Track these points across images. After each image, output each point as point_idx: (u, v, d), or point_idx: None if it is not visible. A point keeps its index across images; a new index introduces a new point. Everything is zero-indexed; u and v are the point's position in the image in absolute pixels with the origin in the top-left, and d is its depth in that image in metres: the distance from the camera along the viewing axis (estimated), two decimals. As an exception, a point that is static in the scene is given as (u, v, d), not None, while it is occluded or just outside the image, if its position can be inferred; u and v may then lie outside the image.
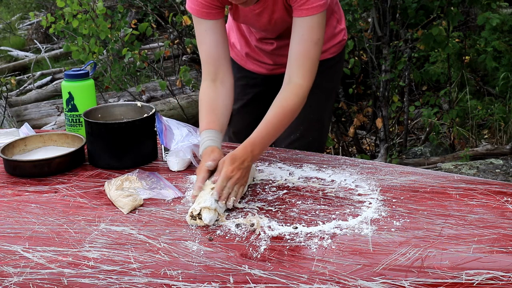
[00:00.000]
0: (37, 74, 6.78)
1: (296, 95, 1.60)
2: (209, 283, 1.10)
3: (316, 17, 1.60)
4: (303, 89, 1.61)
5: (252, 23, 1.84)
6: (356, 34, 3.82)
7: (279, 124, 1.58)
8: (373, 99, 4.09)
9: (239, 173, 1.42)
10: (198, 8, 1.67)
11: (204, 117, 1.64)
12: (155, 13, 4.85)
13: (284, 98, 1.60)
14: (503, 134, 3.98)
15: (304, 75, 1.61)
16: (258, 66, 2.04)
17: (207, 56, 1.70)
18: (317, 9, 1.59)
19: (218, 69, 1.69)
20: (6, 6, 10.52)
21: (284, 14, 1.72)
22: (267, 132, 1.55)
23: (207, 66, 1.70)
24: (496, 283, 1.07)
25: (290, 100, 1.60)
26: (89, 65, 2.08)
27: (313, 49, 1.61)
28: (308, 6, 1.58)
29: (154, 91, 5.30)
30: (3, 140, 1.82)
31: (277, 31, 1.85)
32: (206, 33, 1.69)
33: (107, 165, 1.65)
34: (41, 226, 1.32)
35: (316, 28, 1.61)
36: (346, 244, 1.20)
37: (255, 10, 1.71)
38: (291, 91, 1.61)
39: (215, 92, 1.68)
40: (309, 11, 1.59)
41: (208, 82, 1.70)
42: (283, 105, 1.59)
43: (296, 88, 1.61)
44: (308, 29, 1.60)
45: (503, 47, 4.32)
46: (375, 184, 1.49)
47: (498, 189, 1.43)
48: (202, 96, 1.69)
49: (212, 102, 1.67)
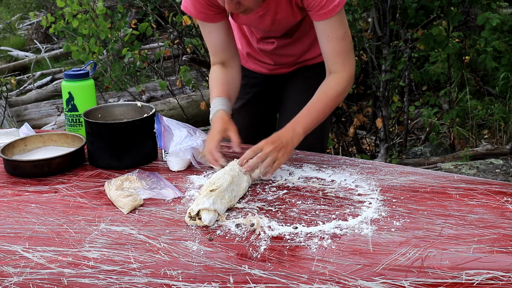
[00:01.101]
0: (37, 74, 6.78)
1: (339, 84, 1.68)
2: (209, 283, 1.10)
3: (336, 17, 1.64)
4: (345, 79, 1.68)
5: (255, 25, 1.84)
6: (356, 34, 3.82)
7: (322, 108, 1.65)
8: (373, 99, 4.09)
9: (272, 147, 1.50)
10: (196, 13, 1.73)
11: (214, 89, 1.74)
12: (155, 13, 4.85)
13: (327, 86, 1.68)
14: (503, 134, 3.98)
15: (343, 67, 1.68)
16: (259, 66, 2.04)
17: (214, 50, 1.80)
18: (334, 10, 1.62)
19: (226, 58, 1.79)
20: (6, 6, 10.53)
21: (289, 13, 1.72)
22: (309, 113, 1.63)
23: (215, 56, 1.81)
24: (496, 283, 1.07)
25: (332, 88, 1.68)
26: (89, 65, 2.08)
27: (342, 44, 1.67)
28: (325, 10, 1.62)
29: (154, 91, 5.30)
30: (3, 140, 1.83)
31: (281, 30, 1.85)
32: (210, 34, 1.77)
33: (107, 165, 1.65)
34: (41, 226, 1.32)
35: (338, 26, 1.66)
36: (346, 244, 1.20)
37: (258, 13, 1.72)
38: (334, 81, 1.68)
39: (225, 72, 1.79)
40: (327, 14, 1.63)
41: (218, 65, 1.81)
42: (327, 91, 1.67)
43: (337, 78, 1.68)
44: (332, 29, 1.65)
45: (503, 47, 4.32)
46: (375, 184, 1.49)
47: (498, 189, 1.43)
48: (212, 75, 1.79)
49: (222, 78, 1.77)
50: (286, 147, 1.54)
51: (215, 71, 1.80)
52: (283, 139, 1.55)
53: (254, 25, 1.84)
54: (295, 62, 2.00)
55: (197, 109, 4.62)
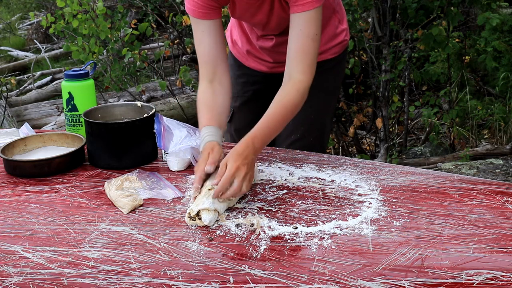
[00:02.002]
0: (37, 74, 6.78)
1: (297, 90, 1.60)
2: (209, 283, 1.10)
3: (312, 12, 1.60)
4: (304, 84, 1.61)
5: (249, 18, 1.83)
6: (356, 34, 3.82)
7: (280, 119, 1.58)
8: (373, 99, 4.10)
9: (245, 169, 1.41)
10: (194, 9, 1.68)
11: (203, 115, 1.65)
12: (155, 13, 4.85)
13: (284, 93, 1.61)
14: (503, 134, 3.98)
15: (304, 71, 1.62)
16: (259, 63, 2.04)
17: (204, 56, 1.72)
18: (312, 4, 1.59)
19: (215, 70, 1.70)
20: (6, 6, 10.53)
21: (280, 10, 1.72)
22: (267, 126, 1.55)
23: (204, 67, 1.72)
24: (496, 283, 1.07)
25: (290, 95, 1.60)
26: (89, 65, 2.08)
27: (311, 44, 1.62)
28: (303, 2, 1.59)
29: (154, 91, 5.30)
30: (3, 140, 1.82)
31: (275, 28, 1.85)
32: (203, 34, 1.71)
33: (107, 165, 1.65)
34: (41, 226, 1.32)
35: (312, 23, 1.61)
36: (346, 244, 1.20)
37: (255, 4, 1.71)
38: (292, 87, 1.61)
39: (213, 92, 1.69)
40: (304, 7, 1.60)
41: (205, 83, 1.70)
42: (284, 100, 1.59)
43: (296, 84, 1.61)
44: (304, 24, 1.61)
45: (503, 47, 4.32)
46: (375, 184, 1.49)
47: (498, 189, 1.43)
48: (200, 96, 1.70)
49: (210, 101, 1.67)
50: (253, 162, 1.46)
51: (202, 92, 1.70)
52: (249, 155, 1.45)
53: (250, 18, 1.83)
54: None
55: (197, 109, 4.61)
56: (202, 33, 1.71)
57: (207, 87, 1.70)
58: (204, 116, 1.64)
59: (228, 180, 1.37)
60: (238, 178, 1.38)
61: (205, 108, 1.66)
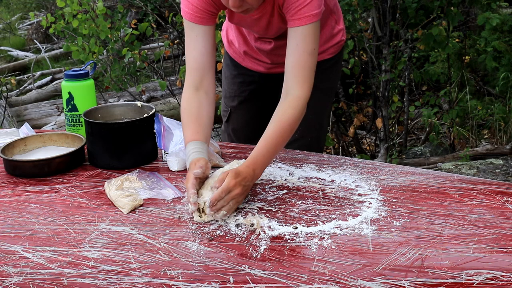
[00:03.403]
0: (37, 74, 6.78)
1: (295, 108, 1.58)
2: (209, 283, 1.10)
3: (310, 27, 1.58)
4: (301, 100, 1.59)
5: (249, 27, 1.83)
6: (356, 34, 3.82)
7: (279, 139, 1.54)
8: (373, 99, 4.09)
9: (240, 189, 1.37)
10: (192, 13, 1.66)
11: (188, 128, 1.60)
12: (155, 13, 4.85)
13: (282, 113, 1.57)
14: (503, 134, 3.98)
15: (302, 86, 1.59)
16: (256, 64, 2.04)
17: (195, 62, 1.68)
18: (310, 18, 1.58)
19: (203, 78, 1.66)
20: (6, 6, 10.53)
21: (280, 22, 1.72)
22: (267, 149, 1.51)
23: (192, 73, 1.67)
24: (496, 283, 1.07)
25: (288, 114, 1.57)
26: (89, 65, 2.08)
27: (308, 60, 1.60)
28: (301, 16, 1.58)
29: (154, 91, 5.30)
30: (3, 140, 1.83)
31: (274, 34, 1.85)
32: (196, 39, 1.67)
33: (107, 165, 1.65)
34: (41, 226, 1.32)
35: (310, 38, 1.59)
36: (346, 244, 1.20)
37: (254, 16, 1.71)
38: (289, 104, 1.58)
39: (199, 102, 1.64)
40: (301, 21, 1.58)
41: (191, 91, 1.66)
42: (281, 120, 1.56)
43: (294, 101, 1.58)
44: (302, 39, 1.59)
45: (503, 47, 4.32)
46: (375, 184, 1.49)
47: (498, 189, 1.43)
48: (185, 105, 1.65)
49: (196, 112, 1.63)
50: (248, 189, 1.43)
51: (188, 102, 1.65)
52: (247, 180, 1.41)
53: (248, 26, 1.83)
54: None
55: (197, 109, 4.61)
56: (196, 38, 1.67)
57: (192, 96, 1.65)
58: (189, 130, 1.59)
59: (223, 193, 1.34)
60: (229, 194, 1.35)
61: (191, 120, 1.61)
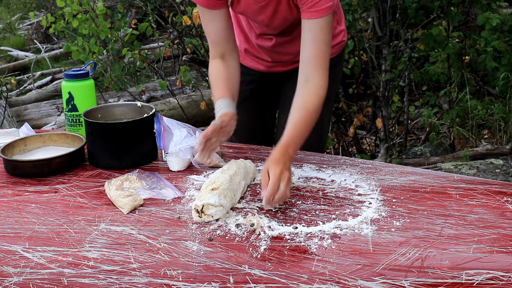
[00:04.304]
0: (37, 74, 6.78)
1: (318, 95, 1.62)
2: (209, 283, 1.10)
3: (326, 18, 1.62)
4: (324, 89, 1.64)
5: (253, 16, 1.83)
6: (356, 34, 3.82)
7: (306, 125, 1.59)
8: (373, 99, 4.09)
9: (287, 173, 1.40)
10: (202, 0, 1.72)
11: (217, 88, 1.71)
12: (155, 13, 4.85)
13: (307, 98, 1.62)
14: (503, 134, 3.98)
15: (322, 75, 1.64)
16: (257, 63, 2.04)
17: (213, 40, 1.78)
18: (327, 10, 1.61)
19: (225, 49, 1.77)
20: (6, 6, 10.53)
21: (287, 12, 1.72)
22: (296, 133, 1.56)
23: (214, 47, 1.78)
24: (496, 283, 1.07)
25: (313, 101, 1.62)
26: (89, 65, 2.08)
27: (326, 50, 1.64)
28: (318, 8, 1.61)
29: (154, 91, 5.30)
30: (3, 140, 1.83)
31: (277, 28, 1.84)
32: (210, 21, 1.76)
33: (107, 165, 1.65)
34: (41, 226, 1.32)
35: (327, 29, 1.64)
36: (346, 244, 1.20)
37: (260, 3, 1.72)
38: (313, 92, 1.62)
39: (226, 66, 1.75)
40: (319, 13, 1.61)
41: (217, 59, 1.77)
42: (308, 107, 1.61)
43: (317, 89, 1.63)
44: (320, 30, 1.63)
45: (503, 47, 4.32)
46: (375, 184, 1.49)
47: (498, 189, 1.43)
48: (213, 71, 1.76)
49: (223, 74, 1.74)
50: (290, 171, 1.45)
51: (215, 67, 1.78)
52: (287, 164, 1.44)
53: (253, 15, 1.83)
54: (292, 60, 1.99)
55: (197, 109, 4.61)
56: (209, 22, 1.76)
57: (219, 62, 1.76)
58: (218, 89, 1.71)
59: (276, 184, 1.36)
60: (283, 182, 1.37)
61: (219, 80, 1.73)
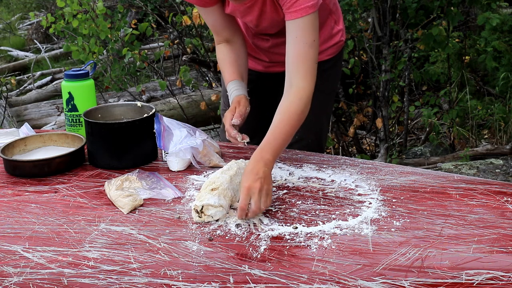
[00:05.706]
0: (37, 74, 6.78)
1: (300, 98, 1.58)
2: (209, 283, 1.10)
3: (307, 18, 1.58)
4: (306, 92, 1.59)
5: (241, 17, 1.84)
6: (356, 34, 3.82)
7: (286, 128, 1.54)
8: (373, 99, 4.09)
9: (258, 185, 1.36)
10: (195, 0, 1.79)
11: (226, 70, 1.80)
12: (155, 13, 4.85)
13: (288, 103, 1.58)
14: (503, 134, 3.98)
15: (305, 77, 1.59)
16: (254, 62, 2.03)
17: (215, 30, 1.85)
18: (306, 10, 1.57)
19: (227, 35, 1.83)
20: (6, 6, 10.53)
21: (273, 13, 1.71)
22: (274, 137, 1.51)
23: (217, 35, 1.85)
24: (496, 283, 1.07)
25: (294, 104, 1.57)
26: (89, 65, 2.08)
27: (309, 51, 1.59)
28: (297, 8, 1.57)
29: (154, 91, 5.30)
30: (3, 140, 1.82)
31: (268, 27, 1.84)
32: (207, 16, 1.83)
33: (107, 165, 1.65)
34: (41, 226, 1.32)
35: (309, 30, 1.59)
36: (346, 244, 1.20)
37: (246, 4, 1.71)
38: (295, 95, 1.58)
39: (231, 48, 1.82)
40: (298, 13, 1.58)
41: (223, 44, 1.84)
42: (289, 110, 1.57)
43: (299, 92, 1.58)
44: (301, 31, 1.59)
45: (503, 47, 4.32)
46: (375, 184, 1.49)
47: (498, 189, 1.43)
48: (220, 55, 1.83)
49: (230, 56, 1.82)
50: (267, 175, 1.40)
51: (222, 51, 1.83)
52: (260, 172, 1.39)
53: (241, 16, 1.83)
54: None
55: (197, 109, 4.61)
56: (207, 16, 1.82)
57: (224, 46, 1.83)
58: (227, 71, 1.79)
59: (245, 201, 1.33)
60: (253, 197, 1.34)
61: (226, 63, 1.81)
